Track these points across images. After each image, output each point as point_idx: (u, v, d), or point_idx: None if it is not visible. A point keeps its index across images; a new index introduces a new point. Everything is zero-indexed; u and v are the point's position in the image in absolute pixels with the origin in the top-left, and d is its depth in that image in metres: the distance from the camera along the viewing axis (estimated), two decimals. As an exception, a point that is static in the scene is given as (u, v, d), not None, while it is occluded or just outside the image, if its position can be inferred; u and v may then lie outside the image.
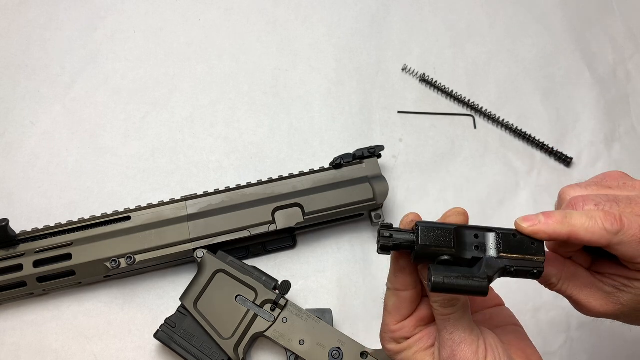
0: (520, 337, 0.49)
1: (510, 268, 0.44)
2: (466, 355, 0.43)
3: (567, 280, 0.47)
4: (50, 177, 0.78)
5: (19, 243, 0.69)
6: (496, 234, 0.45)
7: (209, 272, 0.69)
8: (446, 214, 0.48)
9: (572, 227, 0.43)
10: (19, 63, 0.84)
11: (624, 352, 0.74)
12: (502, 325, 0.50)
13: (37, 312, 0.71)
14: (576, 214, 0.44)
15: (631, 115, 0.88)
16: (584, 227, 0.43)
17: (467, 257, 0.44)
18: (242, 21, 0.89)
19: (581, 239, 0.43)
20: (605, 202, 0.45)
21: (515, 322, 0.51)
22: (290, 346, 0.67)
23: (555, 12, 0.93)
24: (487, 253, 0.44)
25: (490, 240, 0.44)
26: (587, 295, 0.47)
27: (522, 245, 0.44)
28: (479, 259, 0.44)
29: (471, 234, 0.44)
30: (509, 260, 0.44)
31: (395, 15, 0.91)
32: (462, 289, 0.42)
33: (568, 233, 0.43)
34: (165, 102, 0.83)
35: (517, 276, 0.44)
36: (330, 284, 0.75)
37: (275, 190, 0.73)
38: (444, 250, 0.43)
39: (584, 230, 0.43)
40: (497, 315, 0.51)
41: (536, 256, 0.44)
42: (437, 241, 0.43)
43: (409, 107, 0.85)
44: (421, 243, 0.43)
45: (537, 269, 0.44)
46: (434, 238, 0.43)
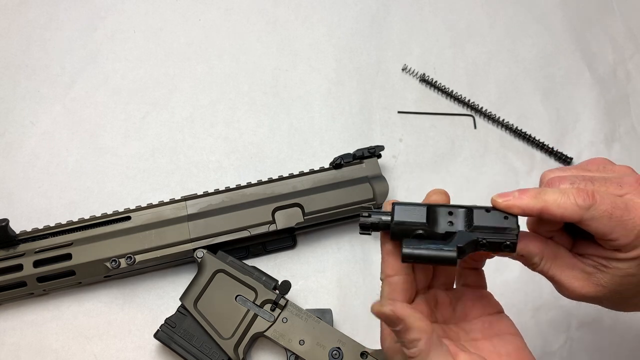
0: (519, 348, 0.48)
1: (482, 240, 0.44)
2: None
3: (549, 260, 0.47)
4: (50, 177, 0.78)
5: (19, 243, 0.69)
6: (469, 209, 0.45)
7: (209, 272, 0.69)
8: (428, 193, 0.48)
9: (545, 202, 0.44)
10: (19, 63, 0.84)
11: (624, 352, 0.74)
12: (501, 334, 0.49)
13: (37, 312, 0.71)
14: (550, 191, 0.45)
15: (631, 115, 0.88)
16: (556, 202, 0.44)
17: (440, 232, 0.45)
18: (242, 21, 0.89)
19: (553, 214, 0.44)
20: (580, 180, 0.46)
21: (514, 331, 0.50)
22: (290, 346, 0.67)
23: (555, 12, 0.93)
24: (460, 228, 0.45)
25: (463, 215, 0.45)
26: (568, 276, 0.47)
27: (494, 220, 0.45)
28: (452, 234, 0.45)
29: (445, 210, 0.45)
30: (481, 233, 0.45)
31: (395, 15, 0.91)
32: (431, 259, 0.43)
33: (540, 208, 0.44)
34: (165, 102, 0.83)
35: (490, 249, 0.45)
36: (330, 284, 0.75)
37: (275, 190, 0.73)
38: (417, 225, 0.45)
39: (556, 205, 0.44)
40: (497, 324, 0.50)
41: (509, 229, 0.45)
42: (410, 217, 0.45)
43: (409, 107, 0.85)
44: (395, 220, 0.45)
45: (510, 240, 0.45)
46: (407, 215, 0.45)
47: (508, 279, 0.76)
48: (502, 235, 0.45)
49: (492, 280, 0.76)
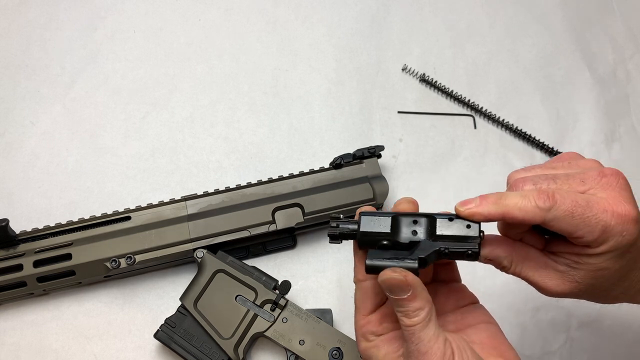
0: (492, 335, 0.49)
1: (444, 250, 0.45)
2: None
3: (520, 262, 0.48)
4: (50, 177, 0.78)
5: (19, 243, 0.69)
6: (432, 218, 0.46)
7: (209, 272, 0.69)
8: (397, 203, 0.49)
9: (506, 207, 0.45)
10: (19, 63, 0.84)
11: (624, 352, 0.74)
12: (475, 324, 0.50)
13: (37, 312, 0.71)
14: (511, 195, 0.45)
15: (631, 115, 0.88)
16: (517, 206, 0.44)
17: (404, 242, 0.46)
18: (242, 21, 0.89)
19: (515, 218, 0.44)
20: (542, 180, 0.46)
21: (488, 319, 0.50)
22: (290, 346, 0.67)
23: (555, 12, 0.93)
24: (423, 237, 0.46)
25: (426, 224, 0.46)
26: (542, 276, 0.47)
27: (457, 229, 0.46)
28: (416, 243, 0.46)
29: (410, 220, 0.46)
30: (443, 243, 0.45)
31: (395, 15, 0.91)
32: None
33: (502, 213, 0.45)
34: (165, 102, 0.83)
35: (453, 257, 0.46)
36: (330, 284, 0.75)
37: (275, 190, 0.73)
38: (381, 235, 0.46)
39: (517, 209, 0.44)
40: (469, 315, 0.50)
41: (471, 237, 0.45)
42: (375, 228, 0.46)
43: (409, 107, 0.85)
44: (361, 230, 0.47)
45: (472, 249, 0.45)
46: (372, 225, 0.46)
47: (508, 279, 0.75)
48: (464, 244, 0.45)
49: (492, 281, 0.77)
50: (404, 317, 0.44)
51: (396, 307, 0.44)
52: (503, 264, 0.48)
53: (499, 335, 0.49)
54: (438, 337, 0.44)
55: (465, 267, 0.57)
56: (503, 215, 0.45)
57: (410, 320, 0.44)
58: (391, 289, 0.44)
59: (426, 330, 0.43)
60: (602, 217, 0.44)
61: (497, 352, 0.47)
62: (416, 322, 0.43)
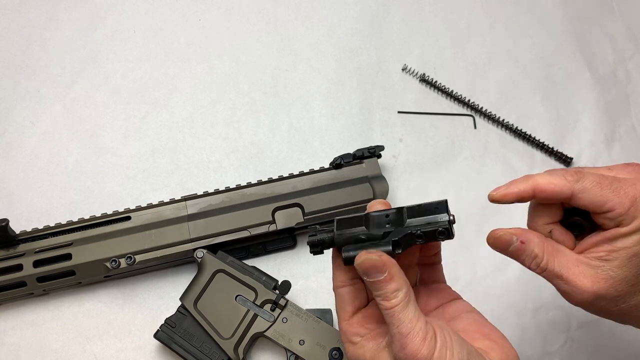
0: (474, 321, 0.49)
1: (416, 231, 0.46)
2: (415, 345, 0.43)
3: (552, 257, 0.48)
4: (50, 177, 0.78)
5: (19, 243, 0.69)
6: (401, 208, 0.48)
7: (209, 272, 0.69)
8: (369, 205, 0.51)
9: (535, 182, 0.47)
10: (19, 63, 0.84)
11: (624, 352, 0.74)
12: (457, 315, 0.50)
13: (37, 312, 0.71)
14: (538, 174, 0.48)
15: (631, 115, 0.88)
16: (546, 180, 0.47)
17: (379, 234, 0.47)
18: (242, 21, 0.89)
19: (545, 191, 0.46)
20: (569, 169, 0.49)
21: (470, 309, 0.51)
22: (290, 346, 0.67)
23: (555, 12, 0.93)
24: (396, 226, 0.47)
25: (397, 215, 0.48)
26: (576, 274, 0.47)
27: (426, 212, 0.47)
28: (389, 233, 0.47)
29: (382, 214, 0.48)
30: (414, 227, 0.47)
31: (395, 15, 0.91)
32: None
33: (532, 187, 0.47)
34: (165, 102, 0.83)
35: (426, 239, 0.46)
36: (330, 284, 0.74)
37: (275, 190, 0.73)
38: (357, 231, 0.48)
39: (546, 182, 0.46)
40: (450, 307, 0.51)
41: (439, 217, 0.47)
42: (350, 225, 0.48)
43: (409, 107, 0.85)
44: (336, 231, 0.49)
45: (442, 226, 0.46)
46: (347, 224, 0.49)
47: (508, 279, 0.76)
48: (434, 224, 0.46)
49: (492, 281, 0.77)
50: (383, 300, 0.44)
51: (375, 292, 0.45)
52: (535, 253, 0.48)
53: (481, 320, 0.49)
54: (419, 318, 0.44)
55: (466, 268, 0.57)
56: (534, 190, 0.47)
57: (389, 302, 0.44)
58: (367, 271, 0.45)
59: (406, 311, 0.44)
60: (630, 190, 0.45)
61: (482, 335, 0.47)
62: (395, 303, 0.44)
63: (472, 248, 0.76)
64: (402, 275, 0.45)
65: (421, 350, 0.43)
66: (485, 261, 0.76)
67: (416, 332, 0.43)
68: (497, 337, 0.47)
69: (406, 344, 0.43)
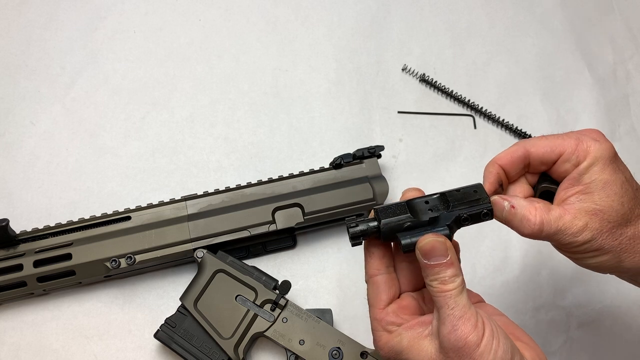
0: (505, 323, 0.51)
1: (462, 215, 0.49)
2: (466, 328, 0.45)
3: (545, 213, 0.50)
4: (50, 177, 0.78)
5: (19, 243, 0.69)
6: (442, 194, 0.50)
7: (209, 272, 0.69)
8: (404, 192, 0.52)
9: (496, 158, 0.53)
10: (19, 63, 0.84)
11: (624, 352, 0.74)
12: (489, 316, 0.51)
13: (37, 312, 0.71)
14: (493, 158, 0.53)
15: (631, 115, 0.88)
16: (503, 152, 0.52)
17: (425, 219, 0.49)
18: (242, 21, 0.89)
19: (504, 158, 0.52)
20: None
21: (499, 312, 0.53)
22: (290, 346, 0.67)
23: (555, 12, 0.93)
24: (441, 211, 0.49)
25: (439, 201, 0.50)
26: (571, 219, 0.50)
27: (467, 196, 0.50)
28: (436, 218, 0.49)
29: (422, 201, 0.50)
30: (460, 210, 0.49)
31: (395, 15, 0.91)
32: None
33: (496, 163, 0.52)
34: (165, 102, 0.83)
35: (472, 221, 0.49)
36: (330, 284, 0.75)
37: (275, 190, 0.73)
38: (404, 219, 0.48)
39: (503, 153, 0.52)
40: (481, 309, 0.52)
41: (481, 199, 0.50)
42: (395, 214, 0.49)
43: (409, 107, 0.85)
44: (383, 220, 0.48)
45: (486, 208, 0.49)
46: (391, 214, 0.49)
47: (508, 279, 0.76)
48: (478, 207, 0.49)
49: (492, 281, 0.77)
50: (440, 284, 0.46)
51: (432, 276, 0.46)
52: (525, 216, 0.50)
53: (510, 323, 0.51)
54: (470, 306, 0.46)
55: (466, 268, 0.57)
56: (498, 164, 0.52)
57: (446, 286, 0.46)
58: (431, 253, 0.46)
59: (461, 296, 0.46)
60: (571, 134, 0.51)
61: (514, 336, 0.48)
62: (452, 287, 0.46)
63: (472, 248, 0.76)
64: (459, 264, 0.47)
65: (470, 335, 0.44)
66: (485, 261, 0.76)
67: (468, 317, 0.45)
68: (528, 340, 0.49)
69: (458, 326, 0.45)
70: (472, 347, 0.44)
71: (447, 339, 0.45)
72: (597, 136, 0.51)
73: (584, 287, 0.76)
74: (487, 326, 0.45)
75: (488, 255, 0.77)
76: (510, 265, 0.77)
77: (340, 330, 0.68)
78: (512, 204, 0.50)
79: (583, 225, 0.49)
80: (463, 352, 0.45)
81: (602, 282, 0.76)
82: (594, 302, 0.75)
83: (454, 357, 0.45)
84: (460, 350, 0.45)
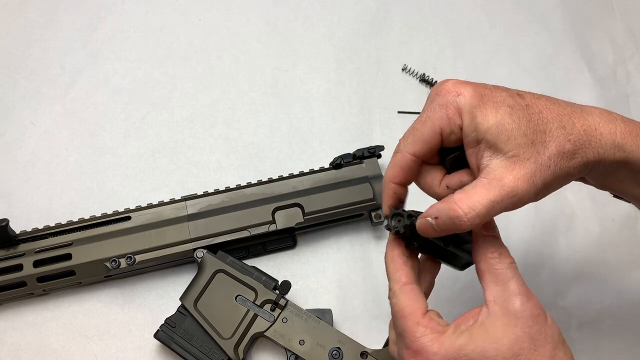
0: None
1: None
2: (535, 298, 0.45)
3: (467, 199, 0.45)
4: (50, 177, 0.78)
5: (19, 243, 0.69)
6: None
7: (209, 272, 0.69)
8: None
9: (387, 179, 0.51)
10: (19, 63, 0.84)
11: (624, 353, 0.74)
12: None
13: (37, 312, 0.71)
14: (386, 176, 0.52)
15: (631, 115, 0.87)
16: (390, 173, 0.50)
17: None
18: (242, 21, 0.89)
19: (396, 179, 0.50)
20: None
21: None
22: (290, 346, 0.67)
23: (555, 12, 0.93)
24: None
25: None
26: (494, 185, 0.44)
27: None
28: None
29: None
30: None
31: (395, 15, 0.91)
32: None
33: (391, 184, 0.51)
34: (165, 102, 0.83)
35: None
36: (330, 284, 0.75)
37: (275, 190, 0.73)
38: None
39: (392, 174, 0.50)
40: None
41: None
42: None
43: (409, 107, 0.85)
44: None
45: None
46: None
47: (508, 279, 0.76)
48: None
49: (492, 280, 0.76)
50: (503, 257, 0.46)
51: (493, 247, 0.46)
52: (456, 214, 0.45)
53: None
54: None
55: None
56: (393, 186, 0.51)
57: (509, 258, 0.46)
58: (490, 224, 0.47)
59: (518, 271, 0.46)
60: (433, 106, 0.47)
61: None
62: (513, 259, 0.46)
63: (472, 248, 0.76)
64: None
65: (540, 304, 0.45)
66: (485, 261, 0.76)
67: (530, 294, 0.45)
68: None
69: (530, 296, 0.45)
70: (545, 316, 0.45)
71: (522, 309, 0.44)
72: (456, 89, 0.46)
73: (584, 287, 0.76)
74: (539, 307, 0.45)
75: (488, 255, 0.77)
76: (510, 265, 0.77)
77: (340, 330, 0.68)
78: (434, 216, 0.45)
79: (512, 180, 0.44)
80: (539, 319, 0.44)
81: (602, 282, 0.76)
82: (594, 302, 0.75)
83: (533, 326, 0.44)
84: (538, 317, 0.44)
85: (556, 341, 0.44)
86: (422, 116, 0.48)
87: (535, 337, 0.44)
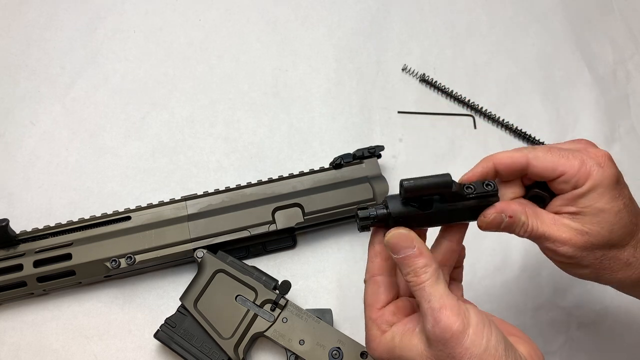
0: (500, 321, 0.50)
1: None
2: (449, 318, 0.43)
3: (535, 220, 0.50)
4: (50, 177, 0.78)
5: (19, 243, 0.69)
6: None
7: (209, 272, 0.69)
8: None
9: (495, 157, 0.52)
10: (19, 63, 0.84)
11: (624, 353, 0.74)
12: None
13: (37, 312, 0.71)
14: (496, 153, 0.53)
15: (631, 115, 0.88)
16: (504, 154, 0.51)
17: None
18: (242, 21, 0.89)
19: (504, 163, 0.51)
20: None
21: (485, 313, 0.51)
22: (290, 346, 0.67)
23: (555, 12, 0.93)
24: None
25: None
26: (557, 229, 0.50)
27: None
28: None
29: None
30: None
31: (395, 15, 0.91)
32: (429, 185, 0.47)
33: (493, 163, 0.51)
34: (165, 102, 0.83)
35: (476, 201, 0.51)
36: (330, 284, 0.75)
37: (275, 190, 0.73)
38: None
39: (505, 156, 0.51)
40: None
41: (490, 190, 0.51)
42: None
43: (409, 107, 0.85)
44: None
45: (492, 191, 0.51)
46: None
47: (508, 279, 0.76)
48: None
49: (492, 281, 0.77)
50: (413, 276, 0.45)
51: (405, 269, 0.46)
52: (521, 220, 0.50)
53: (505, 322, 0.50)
54: (449, 294, 0.45)
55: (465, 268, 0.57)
56: (494, 164, 0.51)
57: (419, 278, 0.45)
58: (398, 245, 0.46)
59: (437, 286, 0.45)
60: (577, 154, 0.50)
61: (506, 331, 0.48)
62: (425, 278, 0.45)
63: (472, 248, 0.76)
64: (429, 254, 0.46)
65: (455, 324, 0.43)
66: (485, 261, 0.76)
67: (448, 306, 0.44)
68: (521, 334, 0.49)
69: (440, 318, 0.43)
70: (459, 337, 0.43)
71: (432, 333, 0.43)
72: (603, 161, 0.50)
73: (584, 287, 0.76)
74: (475, 315, 0.44)
75: (488, 255, 0.77)
76: (510, 265, 0.77)
77: (340, 330, 0.68)
78: (509, 214, 0.50)
79: (567, 238, 0.49)
80: (451, 343, 0.43)
81: (602, 282, 0.76)
82: (594, 302, 0.75)
83: (444, 349, 0.43)
84: (448, 342, 0.43)
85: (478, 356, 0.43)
86: (565, 151, 0.50)
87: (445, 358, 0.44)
